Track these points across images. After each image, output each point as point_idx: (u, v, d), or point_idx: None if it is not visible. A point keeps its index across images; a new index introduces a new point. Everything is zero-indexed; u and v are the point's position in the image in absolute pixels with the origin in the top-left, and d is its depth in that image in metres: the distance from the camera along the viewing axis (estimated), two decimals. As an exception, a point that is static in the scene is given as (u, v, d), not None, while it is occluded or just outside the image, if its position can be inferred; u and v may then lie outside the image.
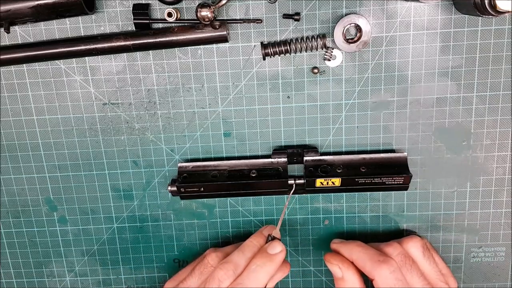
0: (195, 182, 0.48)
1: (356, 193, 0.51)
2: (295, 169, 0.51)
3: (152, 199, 0.52)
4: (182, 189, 0.48)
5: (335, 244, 0.49)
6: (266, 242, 0.46)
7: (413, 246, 0.47)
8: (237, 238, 0.53)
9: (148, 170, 0.51)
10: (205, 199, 0.52)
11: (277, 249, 0.45)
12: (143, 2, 0.45)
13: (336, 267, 0.47)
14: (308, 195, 0.51)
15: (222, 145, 0.50)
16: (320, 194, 0.51)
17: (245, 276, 0.43)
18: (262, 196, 0.52)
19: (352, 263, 0.47)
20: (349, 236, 0.53)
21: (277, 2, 0.45)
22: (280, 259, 0.44)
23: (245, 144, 0.50)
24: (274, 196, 0.51)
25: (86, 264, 0.55)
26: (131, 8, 0.45)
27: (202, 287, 0.45)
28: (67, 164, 0.51)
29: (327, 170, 0.48)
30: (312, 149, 0.49)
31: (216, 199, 0.52)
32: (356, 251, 0.46)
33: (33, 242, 0.55)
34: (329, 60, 0.46)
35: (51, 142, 0.50)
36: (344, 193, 0.51)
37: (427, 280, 0.45)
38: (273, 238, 0.46)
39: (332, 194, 0.51)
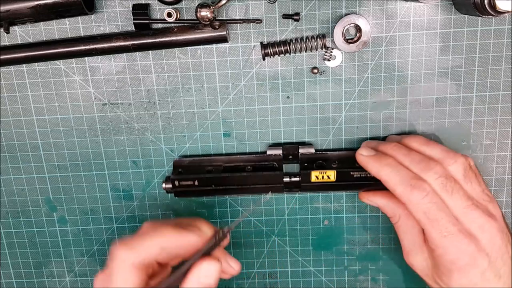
0: (189, 174, 0.48)
1: (356, 192, 0.51)
2: (290, 170, 0.51)
3: (152, 200, 0.52)
4: (176, 182, 0.48)
5: (362, 157, 0.45)
6: (216, 237, 0.40)
7: (455, 169, 0.42)
8: (237, 238, 0.53)
9: (147, 170, 0.51)
10: (204, 199, 0.52)
11: (203, 226, 0.40)
12: (143, 2, 0.45)
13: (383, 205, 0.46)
14: (308, 195, 0.51)
15: (221, 145, 0.50)
16: (320, 194, 0.51)
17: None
18: (262, 195, 0.52)
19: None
20: (349, 236, 0.53)
21: (276, 2, 0.45)
22: (191, 237, 0.39)
23: (244, 144, 0.50)
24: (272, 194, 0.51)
25: (86, 264, 0.55)
26: (130, 8, 0.45)
27: None
28: (67, 165, 0.51)
29: (323, 165, 0.48)
30: (307, 145, 0.49)
31: (216, 199, 0.52)
32: (385, 172, 0.42)
33: (33, 243, 0.54)
34: (329, 60, 0.46)
35: (50, 142, 0.50)
36: (344, 193, 0.51)
37: (471, 200, 0.41)
38: (222, 236, 0.40)
39: (332, 194, 0.51)
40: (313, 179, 0.47)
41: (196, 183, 0.48)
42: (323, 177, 0.47)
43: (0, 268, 0.56)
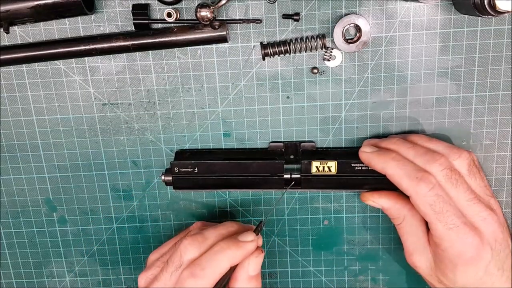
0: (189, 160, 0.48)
1: (356, 192, 0.51)
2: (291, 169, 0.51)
3: (152, 200, 0.52)
4: (176, 169, 0.48)
5: (366, 154, 0.45)
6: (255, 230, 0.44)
7: (460, 164, 0.42)
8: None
9: (147, 170, 0.51)
10: (204, 200, 0.52)
11: (248, 238, 0.42)
12: (143, 2, 0.45)
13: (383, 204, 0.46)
14: (308, 195, 0.51)
15: (221, 146, 0.50)
16: (320, 194, 0.51)
17: (206, 257, 0.41)
18: (262, 195, 0.52)
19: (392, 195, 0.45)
20: (349, 236, 0.53)
21: (276, 2, 0.45)
22: (249, 248, 0.42)
23: (244, 145, 0.50)
24: (272, 191, 0.51)
25: (85, 264, 0.55)
26: (130, 9, 0.45)
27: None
28: (67, 165, 0.51)
29: (323, 158, 0.48)
30: (308, 141, 0.49)
31: (216, 199, 0.52)
32: (391, 166, 0.42)
33: (33, 243, 0.54)
34: (329, 60, 0.46)
35: (50, 142, 0.50)
36: (343, 193, 0.51)
37: (474, 194, 0.41)
38: (259, 228, 0.44)
39: (332, 193, 0.51)
40: (313, 170, 0.47)
41: (196, 170, 0.48)
42: (323, 168, 0.47)
43: (0, 268, 0.56)
